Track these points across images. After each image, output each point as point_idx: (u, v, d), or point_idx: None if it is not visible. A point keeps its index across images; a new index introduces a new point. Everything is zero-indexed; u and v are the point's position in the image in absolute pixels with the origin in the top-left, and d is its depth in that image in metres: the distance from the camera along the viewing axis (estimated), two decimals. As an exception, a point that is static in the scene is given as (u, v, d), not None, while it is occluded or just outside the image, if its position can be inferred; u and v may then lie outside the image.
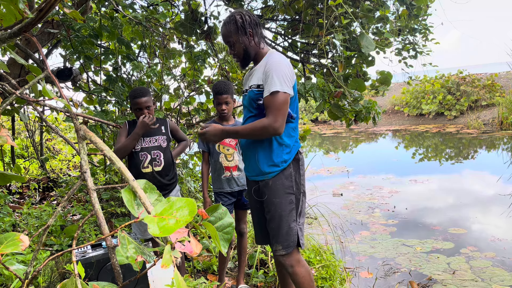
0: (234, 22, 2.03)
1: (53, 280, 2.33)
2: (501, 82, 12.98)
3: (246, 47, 2.06)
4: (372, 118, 3.56)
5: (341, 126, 14.75)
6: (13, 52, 1.58)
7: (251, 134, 2.01)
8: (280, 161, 2.05)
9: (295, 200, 2.06)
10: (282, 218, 2.04)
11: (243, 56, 2.09)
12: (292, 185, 2.06)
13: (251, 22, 2.04)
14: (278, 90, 1.90)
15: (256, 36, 2.05)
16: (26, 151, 6.91)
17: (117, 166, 0.98)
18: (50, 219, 0.94)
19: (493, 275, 3.17)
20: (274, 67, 1.93)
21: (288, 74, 1.95)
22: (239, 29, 2.02)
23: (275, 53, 2.05)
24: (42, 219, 3.67)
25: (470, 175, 6.87)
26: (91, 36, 2.97)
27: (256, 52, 2.09)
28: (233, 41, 2.06)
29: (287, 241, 2.04)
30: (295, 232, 2.05)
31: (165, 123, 2.76)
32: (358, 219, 4.76)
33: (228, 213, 0.95)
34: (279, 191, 2.04)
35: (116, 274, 0.91)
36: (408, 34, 3.83)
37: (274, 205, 2.05)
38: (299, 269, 2.06)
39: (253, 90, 2.05)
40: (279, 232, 2.05)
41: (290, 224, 2.04)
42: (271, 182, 2.06)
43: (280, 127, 1.92)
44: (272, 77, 1.92)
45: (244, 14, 2.06)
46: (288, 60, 2.10)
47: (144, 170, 2.62)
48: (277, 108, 1.90)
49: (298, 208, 2.08)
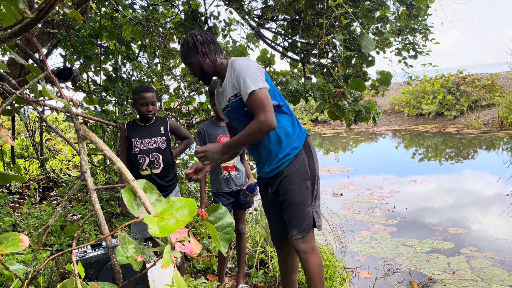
0: (186, 44, 2.10)
1: (53, 280, 2.33)
2: (501, 82, 12.98)
3: (201, 65, 2.11)
4: (372, 118, 3.56)
5: (341, 126, 14.75)
6: (13, 52, 1.58)
7: (249, 138, 2.03)
8: (291, 149, 2.10)
9: (310, 185, 2.11)
10: (299, 204, 2.10)
11: (200, 74, 2.14)
12: (307, 170, 2.11)
13: (203, 41, 2.10)
14: (254, 89, 1.94)
15: (210, 53, 2.10)
16: (26, 151, 6.91)
17: (117, 166, 0.98)
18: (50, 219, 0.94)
19: (493, 275, 3.17)
20: (242, 71, 1.99)
21: (256, 70, 2.01)
22: (191, 49, 2.08)
23: (236, 59, 2.10)
24: (42, 219, 3.67)
25: (470, 175, 6.87)
26: (91, 36, 2.97)
27: (214, 68, 2.13)
28: (188, 62, 2.12)
29: (303, 225, 2.10)
30: (311, 215, 2.11)
31: (164, 123, 2.73)
32: (358, 219, 4.76)
33: (228, 213, 0.95)
34: (295, 179, 2.09)
35: (116, 274, 0.91)
36: (408, 34, 3.83)
37: (291, 193, 2.10)
38: (313, 257, 2.12)
39: (232, 101, 2.10)
40: (295, 217, 2.10)
41: (307, 208, 2.10)
42: (285, 172, 2.10)
43: (273, 121, 1.95)
44: (244, 81, 1.97)
45: (195, 34, 2.12)
46: (251, 60, 2.17)
47: (143, 173, 2.61)
48: (261, 105, 1.94)
49: (313, 192, 2.13)
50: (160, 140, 2.65)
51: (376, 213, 4.93)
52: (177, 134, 2.83)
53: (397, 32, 3.77)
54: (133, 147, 2.63)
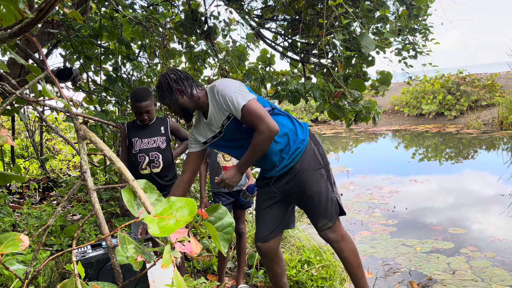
0: (160, 87, 2.09)
1: (53, 280, 2.33)
2: (501, 82, 12.97)
3: (180, 103, 2.09)
4: (372, 118, 3.56)
5: (341, 126, 14.75)
6: (13, 52, 1.58)
7: (258, 151, 2.02)
8: (300, 142, 2.11)
9: (325, 172, 2.14)
10: (321, 193, 2.12)
11: (182, 112, 2.13)
12: (319, 159, 2.14)
13: (177, 78, 2.08)
14: (244, 104, 1.94)
15: (186, 90, 2.08)
16: (26, 151, 6.91)
17: (117, 166, 0.98)
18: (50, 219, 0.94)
19: (493, 275, 3.17)
20: (225, 91, 1.98)
21: (239, 86, 2.02)
22: (166, 90, 2.07)
23: (215, 85, 2.07)
24: (42, 219, 3.67)
25: (470, 175, 6.87)
26: (91, 36, 2.97)
27: (194, 103, 2.11)
28: (167, 103, 2.11)
29: (331, 212, 2.14)
30: (335, 201, 2.15)
31: (165, 123, 2.73)
32: (358, 219, 4.76)
33: (228, 213, 0.95)
34: (310, 170, 2.11)
35: (116, 274, 0.91)
36: (408, 34, 3.82)
37: (309, 185, 2.11)
38: (345, 245, 2.16)
39: (227, 124, 2.07)
40: (322, 207, 2.13)
41: (329, 195, 2.14)
42: (298, 166, 2.11)
43: (274, 126, 1.95)
44: (231, 100, 1.96)
45: (168, 74, 2.10)
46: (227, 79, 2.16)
47: (142, 172, 2.62)
48: (256, 115, 1.94)
49: (330, 179, 2.17)
50: (160, 139, 2.65)
51: (376, 213, 4.93)
52: (177, 134, 2.82)
53: (397, 32, 3.77)
54: (133, 146, 2.63)
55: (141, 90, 2.63)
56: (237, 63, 4.07)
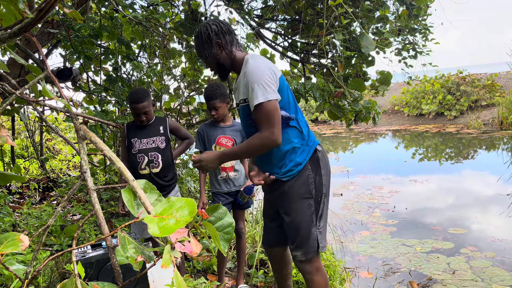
0: (200, 36, 1.92)
1: (53, 280, 2.33)
2: (501, 82, 12.97)
3: (218, 59, 1.93)
4: (372, 118, 3.56)
5: (341, 126, 14.75)
6: (13, 52, 1.58)
7: (249, 152, 1.91)
8: (294, 165, 1.93)
9: (314, 204, 1.95)
10: (301, 224, 1.95)
11: (218, 68, 1.98)
12: (310, 188, 1.94)
13: (218, 31, 1.91)
14: (262, 102, 1.77)
15: (226, 45, 1.92)
16: (26, 151, 6.91)
17: (117, 166, 0.98)
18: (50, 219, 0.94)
19: (493, 275, 3.17)
20: (252, 76, 1.80)
21: (269, 77, 1.81)
22: (205, 42, 1.91)
23: (250, 59, 1.90)
24: (42, 219, 3.67)
25: (470, 175, 6.87)
26: (91, 36, 2.97)
27: (231, 61, 1.95)
28: (203, 55, 1.96)
29: (307, 247, 1.96)
30: (315, 237, 1.95)
31: (164, 123, 2.73)
32: (358, 219, 4.76)
33: (228, 213, 0.95)
34: (296, 197, 1.95)
35: (116, 274, 0.91)
36: (408, 34, 3.83)
37: (292, 211, 1.97)
38: (317, 278, 1.99)
39: (242, 105, 1.95)
40: (298, 238, 1.97)
41: (311, 229, 1.95)
42: (287, 187, 1.96)
43: (277, 138, 1.80)
44: (252, 89, 1.79)
45: (210, 24, 1.92)
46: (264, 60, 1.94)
47: (142, 172, 2.63)
48: (267, 120, 1.79)
49: (318, 212, 1.97)
50: (159, 139, 2.65)
51: (376, 213, 4.93)
52: (177, 134, 2.82)
53: (397, 32, 3.77)
54: (133, 146, 2.64)
55: (138, 91, 2.61)
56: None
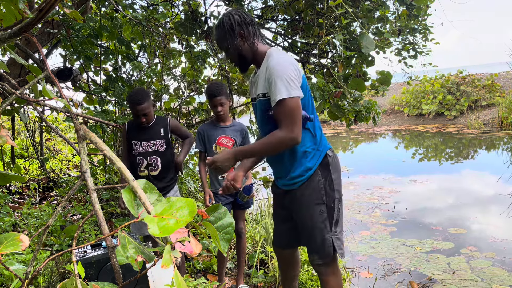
0: (222, 26, 1.86)
1: (53, 280, 2.33)
2: (501, 82, 12.97)
3: (240, 50, 1.87)
4: (372, 118, 3.56)
5: (341, 126, 14.74)
6: (13, 52, 1.58)
7: (268, 150, 1.85)
8: (304, 170, 1.89)
9: (326, 209, 1.90)
10: (314, 229, 1.92)
11: (239, 60, 1.93)
12: (322, 194, 1.89)
13: (241, 21, 1.84)
14: (285, 97, 1.70)
15: (249, 36, 1.86)
16: (26, 151, 6.91)
17: (117, 166, 0.98)
18: (50, 219, 0.94)
19: (493, 275, 3.17)
20: (275, 71, 1.73)
21: (293, 74, 1.74)
22: (227, 32, 1.85)
23: (274, 53, 1.84)
24: (42, 219, 3.67)
25: (470, 175, 6.87)
26: (91, 36, 2.97)
27: (253, 54, 1.90)
28: (225, 46, 1.90)
29: (323, 252, 1.93)
30: (330, 243, 1.91)
31: (165, 124, 2.71)
32: (358, 219, 4.76)
33: (228, 213, 0.95)
34: (307, 203, 1.91)
35: (116, 274, 0.91)
36: (408, 34, 3.83)
37: (304, 217, 1.94)
38: (332, 281, 1.97)
39: (260, 100, 1.89)
40: (313, 243, 1.95)
41: (325, 235, 1.91)
42: (298, 193, 1.93)
43: (297, 137, 1.75)
44: (275, 84, 1.72)
45: (233, 14, 1.86)
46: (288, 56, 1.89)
47: (141, 174, 2.65)
48: (288, 117, 1.72)
49: (332, 217, 1.92)
50: (159, 143, 2.65)
51: (376, 213, 4.93)
52: (177, 133, 2.82)
53: (397, 32, 3.77)
54: (133, 148, 2.64)
55: (138, 92, 2.58)
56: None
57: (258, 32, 1.92)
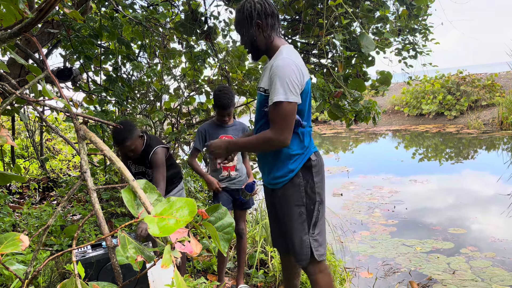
0: (242, 11, 1.85)
1: (53, 280, 2.33)
2: (501, 82, 12.97)
3: (254, 39, 1.86)
4: (372, 118, 3.56)
5: (341, 126, 14.74)
6: (13, 52, 1.58)
7: (256, 147, 1.92)
8: (286, 171, 1.92)
9: (306, 211, 1.92)
10: (292, 230, 1.95)
11: (251, 48, 1.92)
12: (302, 196, 1.92)
13: (262, 11, 1.83)
14: (282, 100, 1.71)
15: (266, 28, 1.84)
16: (26, 151, 6.91)
17: (117, 166, 0.98)
18: (50, 219, 0.94)
19: (493, 275, 3.17)
20: (278, 71, 1.73)
21: (295, 78, 1.74)
22: (245, 19, 1.84)
23: (284, 51, 1.84)
24: (42, 219, 3.67)
25: (470, 175, 6.87)
26: (91, 36, 2.97)
27: (266, 46, 1.89)
28: (241, 31, 1.89)
29: (300, 254, 1.95)
30: (307, 244, 1.93)
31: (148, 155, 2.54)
32: (358, 219, 4.76)
33: (228, 213, 0.95)
34: (288, 203, 1.94)
35: (116, 274, 0.91)
36: (408, 34, 3.82)
37: (285, 216, 1.97)
38: (321, 279, 1.97)
39: (261, 94, 1.90)
40: (292, 244, 1.97)
41: (302, 237, 1.93)
42: (280, 193, 1.97)
43: (286, 140, 1.78)
44: (275, 84, 1.73)
45: (255, 2, 1.84)
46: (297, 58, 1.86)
47: None
48: (281, 120, 1.75)
49: (311, 219, 1.93)
50: (148, 171, 2.67)
51: (376, 213, 4.93)
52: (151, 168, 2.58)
53: (397, 32, 3.77)
54: (129, 167, 2.70)
55: (120, 132, 2.44)
56: (237, 63, 4.07)
57: (278, 25, 1.90)
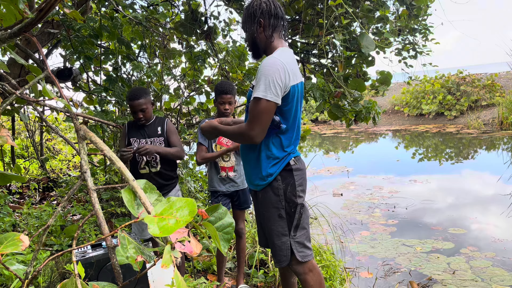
0: (248, 8, 1.89)
1: (53, 280, 2.33)
2: (501, 82, 12.98)
3: (254, 37, 1.90)
4: (372, 118, 3.56)
5: (341, 126, 14.75)
6: (13, 52, 1.58)
7: (233, 137, 1.99)
8: (265, 175, 1.92)
9: (285, 214, 1.92)
10: (271, 232, 1.96)
11: (251, 46, 1.95)
12: (280, 199, 1.91)
13: (266, 11, 1.85)
14: (260, 97, 1.74)
15: (268, 27, 1.86)
16: (26, 151, 6.91)
17: (117, 166, 0.98)
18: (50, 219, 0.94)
19: (493, 275, 3.17)
20: (264, 70, 1.76)
21: (278, 79, 1.75)
22: (249, 16, 1.88)
23: (277, 52, 1.86)
24: (42, 219, 3.67)
25: (470, 175, 6.87)
26: (91, 36, 2.97)
27: (266, 45, 1.91)
28: (244, 28, 1.93)
29: (279, 256, 1.95)
30: (287, 246, 1.93)
31: (162, 124, 2.69)
32: (358, 219, 4.76)
33: (228, 213, 0.95)
34: (267, 206, 1.95)
35: (116, 274, 0.91)
36: (408, 34, 3.82)
37: (264, 218, 1.99)
38: (310, 278, 1.96)
39: (250, 89, 1.94)
40: (271, 245, 1.98)
41: (282, 239, 1.93)
42: (260, 195, 1.98)
43: (256, 136, 1.80)
44: (259, 81, 1.76)
45: (263, 1, 1.87)
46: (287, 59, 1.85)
47: (141, 171, 2.65)
48: (255, 116, 1.77)
49: (292, 222, 1.93)
50: (157, 140, 2.65)
51: (376, 213, 4.93)
52: (169, 138, 2.68)
53: (397, 32, 3.77)
54: (132, 145, 2.64)
55: (136, 89, 2.65)
56: (237, 63, 4.07)
57: (282, 28, 1.92)
